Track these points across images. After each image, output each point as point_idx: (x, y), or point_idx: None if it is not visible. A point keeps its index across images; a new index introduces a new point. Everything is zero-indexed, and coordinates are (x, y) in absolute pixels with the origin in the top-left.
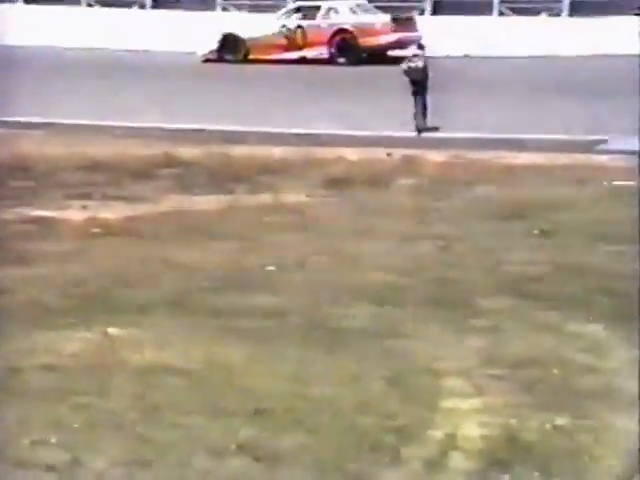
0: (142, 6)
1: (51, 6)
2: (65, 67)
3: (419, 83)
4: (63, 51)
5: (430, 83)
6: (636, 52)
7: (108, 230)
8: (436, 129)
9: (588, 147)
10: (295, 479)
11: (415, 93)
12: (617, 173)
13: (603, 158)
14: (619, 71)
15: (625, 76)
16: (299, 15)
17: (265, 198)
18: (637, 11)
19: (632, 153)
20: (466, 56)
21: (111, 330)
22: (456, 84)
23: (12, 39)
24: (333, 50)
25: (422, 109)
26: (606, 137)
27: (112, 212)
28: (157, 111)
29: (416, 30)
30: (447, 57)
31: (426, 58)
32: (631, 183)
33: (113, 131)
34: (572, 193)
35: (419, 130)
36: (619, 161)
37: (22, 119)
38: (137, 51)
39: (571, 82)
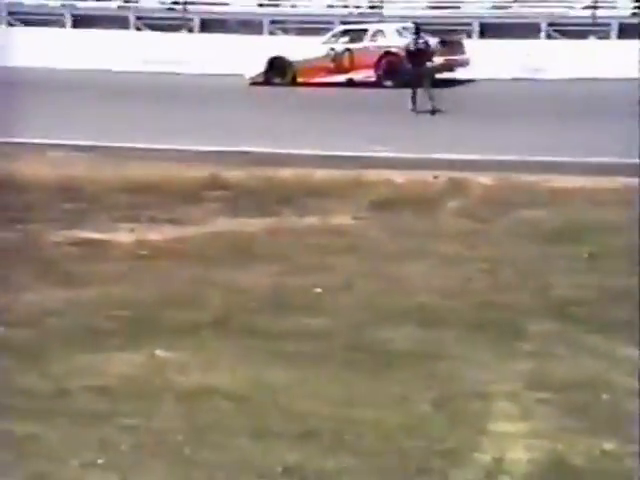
0: (190, 30)
1: (100, 30)
2: (114, 90)
3: (419, 66)
4: (112, 74)
5: (477, 107)
6: None
7: (156, 252)
8: (438, 111)
9: (636, 170)
10: None
11: (415, 76)
12: None
13: None
14: None
15: None
16: (346, 38)
17: (311, 220)
18: None
19: None
20: (514, 79)
21: (158, 352)
22: (504, 107)
23: (61, 62)
24: (380, 73)
25: (421, 92)
26: None
27: (159, 234)
28: (205, 133)
29: (464, 53)
30: (494, 80)
31: (427, 41)
32: None
33: (161, 153)
34: (621, 216)
35: (415, 111)
36: None
37: (71, 142)
38: (185, 74)
39: (620, 104)
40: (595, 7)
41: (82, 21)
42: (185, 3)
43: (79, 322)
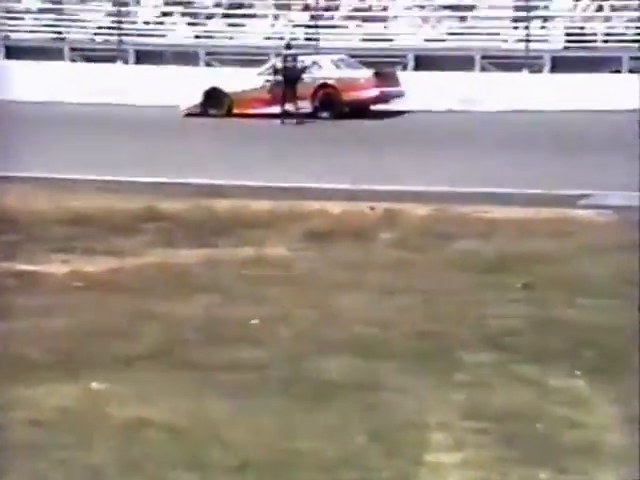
0: (126, 61)
1: (34, 61)
2: (49, 122)
3: (291, 80)
4: (47, 106)
5: (412, 138)
6: (615, 108)
7: (91, 284)
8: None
9: (571, 202)
10: None
11: (286, 88)
12: (600, 228)
13: (586, 213)
14: (600, 126)
15: (606, 131)
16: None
17: (248, 252)
18: (613, 69)
19: (614, 208)
20: (449, 111)
21: (94, 385)
22: (438, 138)
23: None
24: (316, 104)
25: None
26: (589, 192)
27: (95, 266)
28: (140, 165)
29: (398, 85)
30: (429, 112)
31: (297, 59)
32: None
33: (97, 185)
34: (554, 247)
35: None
36: (602, 216)
37: (4, 174)
38: (120, 105)
39: (553, 137)
40: (528, 40)
41: (15, 52)
42: (119, 35)
43: (13, 355)
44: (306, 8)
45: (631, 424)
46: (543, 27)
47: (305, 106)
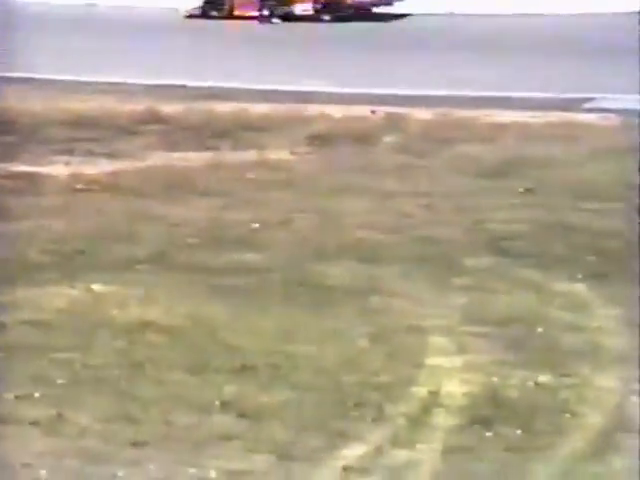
0: None
1: None
2: (46, 22)
3: None
4: (43, 6)
5: (414, 41)
6: (625, 10)
7: (91, 186)
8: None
9: (574, 105)
10: (278, 436)
11: None
12: (603, 131)
13: (590, 116)
14: (608, 29)
15: (614, 34)
16: None
17: (249, 155)
18: None
19: (618, 112)
20: (451, 14)
21: (95, 286)
22: (441, 42)
23: None
24: (318, 6)
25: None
26: (593, 95)
27: (95, 168)
28: (140, 67)
29: None
30: (431, 15)
31: None
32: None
33: (95, 87)
34: (558, 151)
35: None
36: (606, 119)
37: (3, 74)
38: (118, 6)
39: (559, 40)
40: None
41: None
42: None
43: (14, 256)
44: None
45: (630, 328)
46: None
47: (306, 8)
